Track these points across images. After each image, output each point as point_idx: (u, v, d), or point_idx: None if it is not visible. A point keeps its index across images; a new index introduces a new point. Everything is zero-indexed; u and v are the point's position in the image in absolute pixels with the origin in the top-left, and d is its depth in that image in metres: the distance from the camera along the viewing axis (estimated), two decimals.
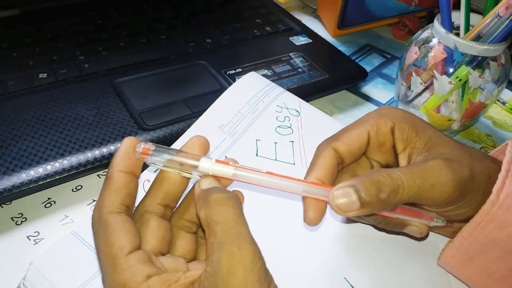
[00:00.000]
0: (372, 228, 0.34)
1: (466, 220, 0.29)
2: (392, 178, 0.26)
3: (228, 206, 0.23)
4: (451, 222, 0.30)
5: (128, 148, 0.24)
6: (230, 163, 0.25)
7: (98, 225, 0.23)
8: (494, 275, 0.29)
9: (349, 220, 0.34)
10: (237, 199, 0.23)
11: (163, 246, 0.25)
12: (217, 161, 0.25)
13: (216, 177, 0.25)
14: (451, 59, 0.42)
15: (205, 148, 0.26)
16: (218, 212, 0.22)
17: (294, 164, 0.37)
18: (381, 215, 0.29)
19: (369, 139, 0.30)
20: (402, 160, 0.30)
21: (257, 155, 0.37)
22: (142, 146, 0.24)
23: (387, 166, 0.31)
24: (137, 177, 0.25)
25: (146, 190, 0.33)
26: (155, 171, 0.35)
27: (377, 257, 0.32)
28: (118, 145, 0.37)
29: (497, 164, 0.29)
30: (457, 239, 0.29)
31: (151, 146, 0.24)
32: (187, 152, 0.25)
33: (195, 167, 0.25)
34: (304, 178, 0.29)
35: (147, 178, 0.34)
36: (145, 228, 0.25)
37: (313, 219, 0.27)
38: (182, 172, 0.25)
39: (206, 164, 0.25)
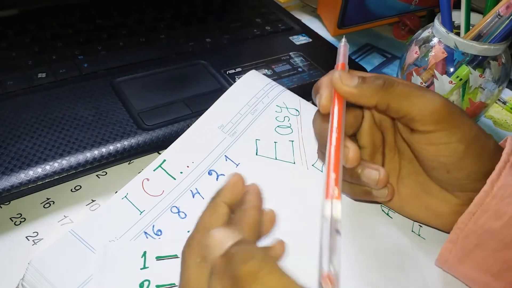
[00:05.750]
0: (365, 228, 0.34)
1: (456, 183, 0.30)
2: (390, 77, 0.29)
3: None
4: (447, 180, 0.31)
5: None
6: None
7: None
8: (490, 270, 0.29)
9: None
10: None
11: None
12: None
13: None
14: (451, 58, 0.41)
15: None
16: None
17: (294, 163, 0.37)
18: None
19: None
20: None
21: (256, 154, 0.37)
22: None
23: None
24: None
25: (146, 190, 0.33)
26: (154, 170, 0.34)
27: (370, 259, 0.32)
28: (118, 145, 0.37)
29: (497, 144, 0.30)
30: (453, 233, 0.30)
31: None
32: None
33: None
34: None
35: (146, 177, 0.34)
36: None
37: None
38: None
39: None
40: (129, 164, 0.39)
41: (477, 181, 0.29)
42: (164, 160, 0.35)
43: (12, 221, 0.34)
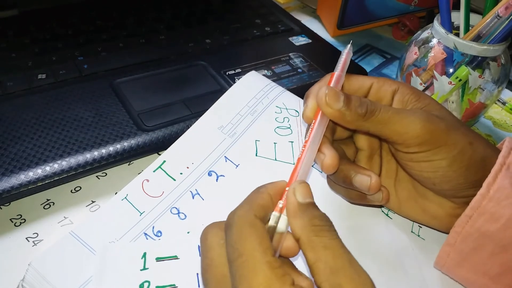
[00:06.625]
0: (365, 229, 0.34)
1: (442, 192, 0.30)
2: (373, 102, 0.29)
3: (333, 232, 0.23)
4: (436, 190, 0.31)
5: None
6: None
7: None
8: (489, 273, 0.29)
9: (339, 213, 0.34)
10: (331, 223, 0.23)
11: None
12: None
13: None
14: (451, 59, 0.41)
15: None
16: (326, 238, 0.22)
17: (294, 164, 0.37)
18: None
19: (371, 88, 0.32)
20: None
21: (256, 155, 0.37)
22: None
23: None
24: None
25: (146, 191, 0.33)
26: (154, 171, 0.35)
27: (370, 259, 0.32)
28: (118, 146, 0.37)
29: (491, 147, 0.30)
30: (451, 236, 0.30)
31: None
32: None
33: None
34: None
35: (146, 178, 0.34)
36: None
37: (330, 164, 0.29)
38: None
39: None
40: (129, 165, 0.39)
41: (466, 190, 0.29)
42: (164, 161, 0.35)
43: (12, 222, 0.34)
